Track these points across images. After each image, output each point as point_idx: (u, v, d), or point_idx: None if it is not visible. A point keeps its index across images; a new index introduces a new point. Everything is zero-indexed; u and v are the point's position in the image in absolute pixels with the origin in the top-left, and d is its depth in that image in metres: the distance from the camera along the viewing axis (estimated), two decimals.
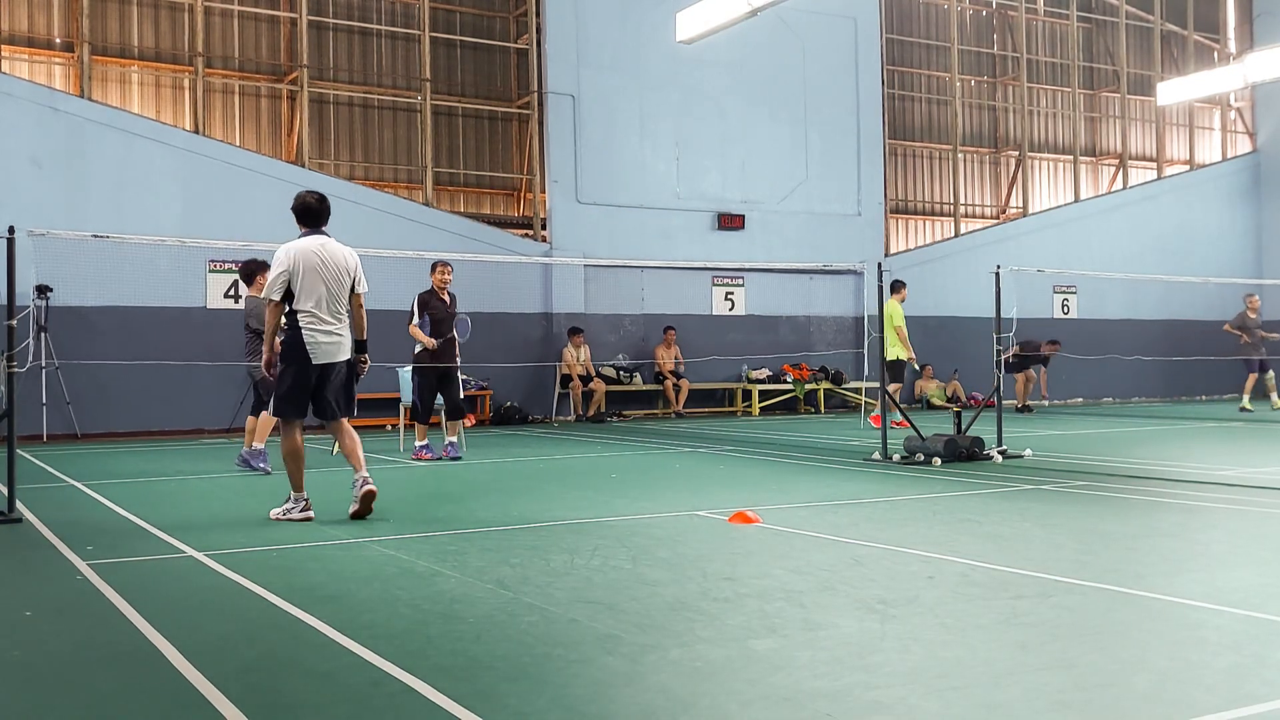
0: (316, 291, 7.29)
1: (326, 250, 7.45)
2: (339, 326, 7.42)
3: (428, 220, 17.70)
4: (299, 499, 7.29)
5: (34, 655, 4.09)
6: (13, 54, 16.19)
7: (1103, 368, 22.49)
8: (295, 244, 7.44)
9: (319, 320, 7.30)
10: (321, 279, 7.33)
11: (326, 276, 7.35)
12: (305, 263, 7.33)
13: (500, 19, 19.64)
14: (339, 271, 7.44)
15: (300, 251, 7.37)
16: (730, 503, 7.70)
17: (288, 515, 7.26)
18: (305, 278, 7.29)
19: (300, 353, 7.28)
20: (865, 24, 21.67)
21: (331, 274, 7.38)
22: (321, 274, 7.33)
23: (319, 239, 7.50)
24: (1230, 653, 3.86)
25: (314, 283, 7.30)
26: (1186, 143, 26.18)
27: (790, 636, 4.17)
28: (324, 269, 7.36)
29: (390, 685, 3.62)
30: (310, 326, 7.27)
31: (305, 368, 7.28)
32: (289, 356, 7.33)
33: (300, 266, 7.31)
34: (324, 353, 7.32)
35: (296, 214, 7.62)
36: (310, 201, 7.63)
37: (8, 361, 7.79)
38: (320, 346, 7.30)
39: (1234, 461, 10.49)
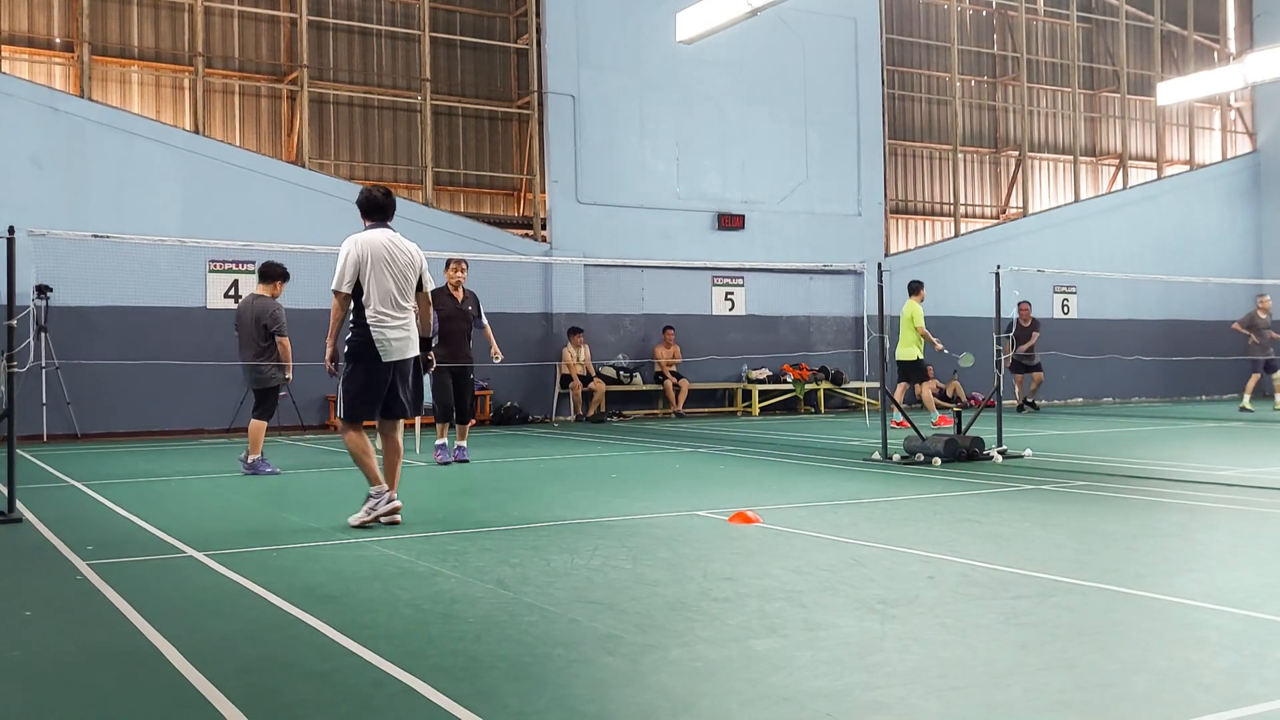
0: (385, 286, 7.03)
1: (395, 244, 7.20)
2: (407, 323, 7.15)
3: (428, 220, 17.68)
4: (379, 491, 6.94)
5: (34, 655, 4.09)
6: (13, 54, 16.20)
7: (1103, 368, 22.50)
8: (363, 235, 7.18)
9: (388, 317, 7.03)
10: (390, 274, 7.07)
11: (395, 271, 7.09)
12: (374, 255, 7.06)
13: (500, 19, 19.64)
14: (406, 266, 7.18)
15: (369, 243, 7.11)
16: (730, 503, 7.70)
17: (373, 514, 6.88)
18: (374, 271, 7.02)
19: (370, 351, 7.00)
20: (865, 24, 21.68)
21: (400, 269, 7.13)
22: (390, 269, 7.07)
23: (386, 232, 7.24)
24: (1230, 652, 3.86)
25: (382, 277, 7.04)
26: (1186, 143, 26.18)
27: (790, 636, 4.17)
28: (393, 264, 7.10)
29: (390, 685, 3.62)
30: (380, 324, 6.99)
31: (376, 366, 7.01)
32: (358, 356, 7.03)
33: (369, 259, 7.04)
34: (395, 350, 7.05)
35: (362, 208, 7.38)
36: (377, 196, 7.39)
37: (8, 361, 7.79)
38: (391, 344, 7.03)
39: (1234, 461, 10.48)
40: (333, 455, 12.30)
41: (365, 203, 7.39)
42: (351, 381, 7.08)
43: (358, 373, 7.04)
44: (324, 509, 7.90)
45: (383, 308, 7.01)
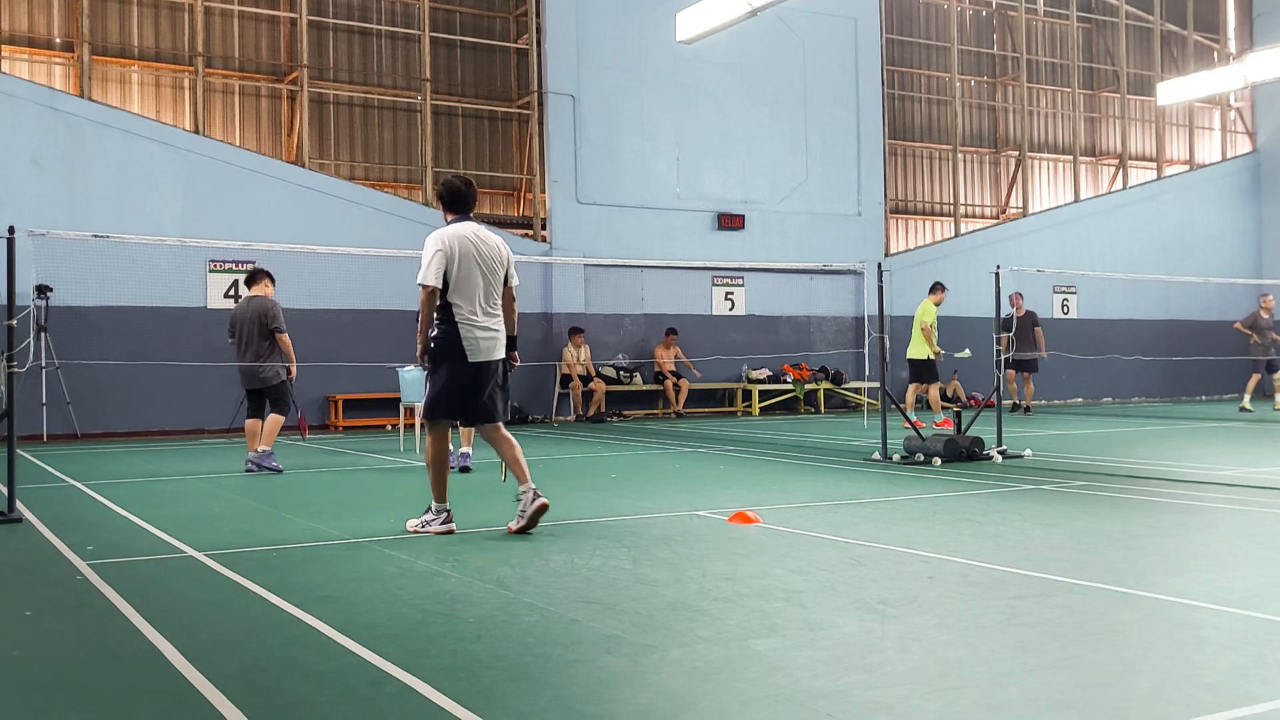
0: (472, 282, 6.68)
1: (481, 238, 6.84)
2: (495, 321, 6.83)
3: (428, 220, 17.64)
4: (441, 510, 6.70)
5: (34, 655, 4.09)
6: (13, 54, 16.20)
7: (1103, 368, 22.50)
8: (449, 229, 6.79)
9: (475, 314, 6.70)
10: (478, 269, 6.72)
11: (483, 267, 6.74)
12: (462, 250, 6.69)
13: (500, 19, 19.64)
14: (494, 261, 6.83)
15: (456, 237, 6.73)
16: (730, 503, 7.70)
17: (427, 528, 6.67)
18: (461, 266, 6.66)
19: (456, 350, 6.68)
20: (865, 24, 21.68)
21: (488, 264, 6.78)
22: (478, 264, 6.72)
23: (472, 225, 6.87)
24: (1230, 652, 3.86)
25: (470, 272, 6.68)
26: (1186, 143, 26.18)
27: (790, 636, 4.17)
28: (480, 259, 6.74)
29: (390, 685, 3.62)
30: (467, 321, 6.67)
31: (461, 366, 6.69)
32: (442, 354, 6.71)
33: (457, 253, 6.67)
34: (482, 350, 6.72)
35: (445, 201, 6.98)
36: (459, 186, 6.98)
37: (8, 361, 7.79)
38: (478, 343, 6.71)
39: (1234, 461, 10.48)
40: (333, 455, 12.30)
41: (447, 194, 6.98)
42: (434, 380, 6.78)
43: (440, 372, 6.74)
44: (324, 509, 7.90)
45: (470, 306, 6.68)
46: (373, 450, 12.89)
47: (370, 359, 16.01)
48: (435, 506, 6.72)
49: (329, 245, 15.00)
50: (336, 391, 16.57)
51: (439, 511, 6.71)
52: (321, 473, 10.56)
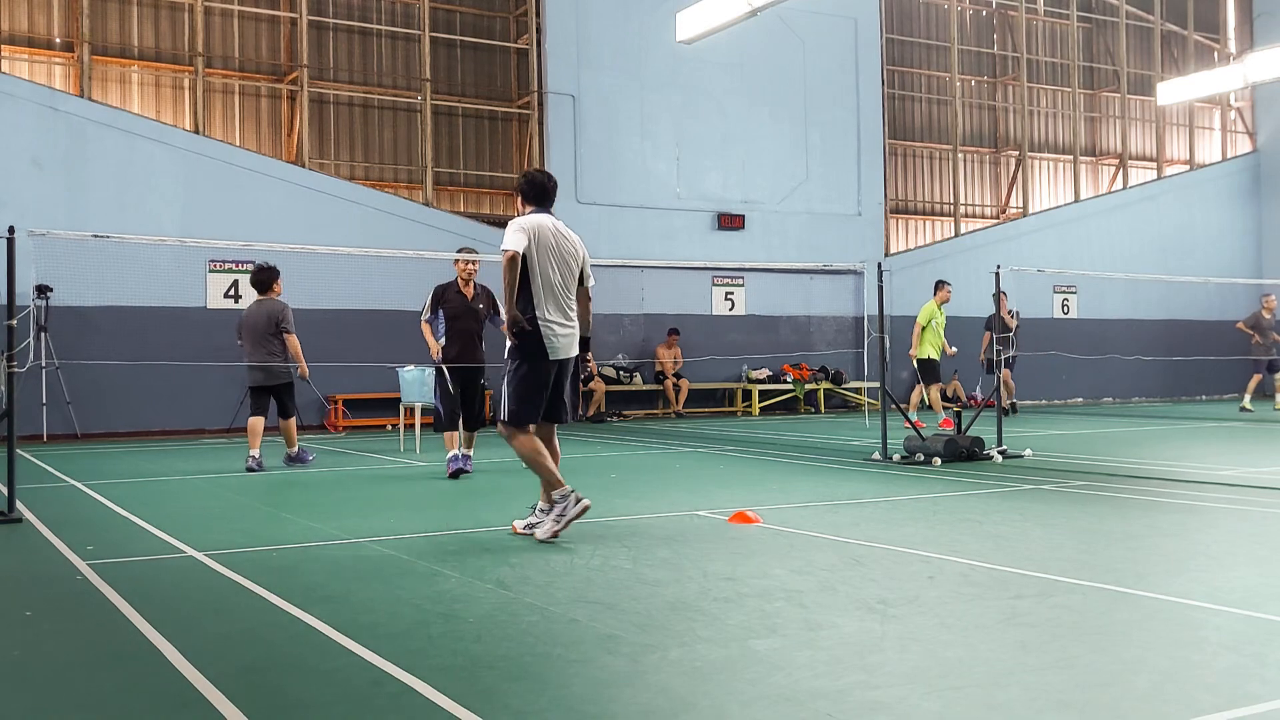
0: (550, 277, 6.52)
1: (561, 232, 6.68)
2: (571, 318, 6.64)
3: (428, 220, 17.71)
4: (564, 494, 6.41)
5: (34, 655, 4.09)
6: (13, 54, 16.20)
7: (1103, 368, 22.50)
8: (530, 217, 6.63)
9: (554, 310, 6.52)
10: (555, 263, 6.55)
11: (560, 262, 6.59)
12: (542, 242, 6.52)
13: (500, 19, 19.64)
14: (570, 257, 6.66)
15: (537, 225, 6.56)
16: (730, 503, 7.70)
17: (564, 518, 6.35)
18: (540, 259, 6.49)
19: (537, 348, 6.48)
20: (865, 24, 21.68)
21: (565, 259, 6.62)
22: (556, 257, 6.56)
23: (551, 218, 6.70)
24: (1230, 652, 3.86)
25: (548, 266, 6.52)
26: (1186, 143, 26.18)
27: (790, 636, 4.17)
28: (558, 253, 6.59)
29: (391, 685, 3.62)
30: (546, 319, 6.49)
31: (542, 365, 6.51)
32: (523, 353, 6.50)
33: (536, 244, 6.49)
34: (561, 348, 6.55)
35: (525, 193, 6.83)
36: (540, 179, 6.84)
37: (8, 361, 7.79)
38: (557, 339, 6.52)
39: (1234, 461, 10.48)
40: (333, 455, 12.30)
41: (528, 186, 6.84)
42: (516, 381, 6.52)
43: (523, 371, 6.51)
44: (324, 509, 7.90)
45: (548, 301, 6.51)
46: (373, 450, 12.89)
47: (370, 359, 16.01)
48: (559, 493, 6.43)
49: (329, 245, 14.99)
50: (337, 391, 16.57)
51: (563, 496, 6.41)
52: (321, 473, 10.56)
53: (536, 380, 6.52)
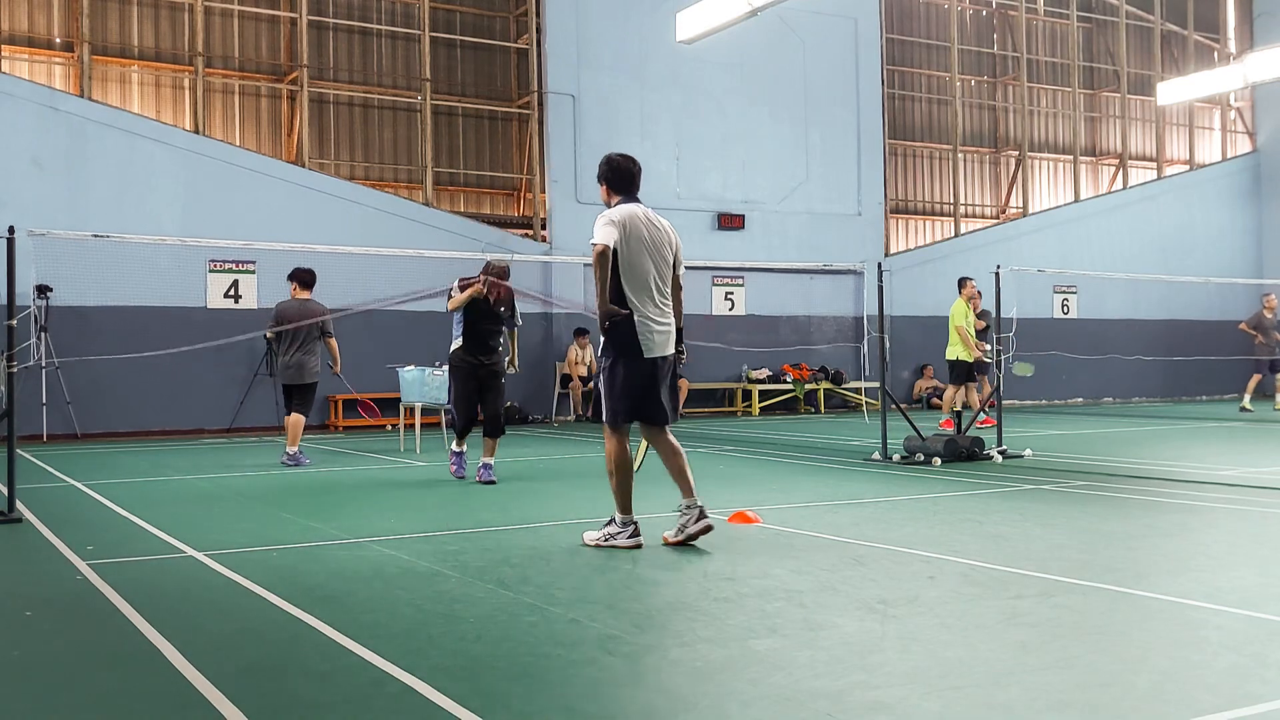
0: (643, 269, 6.13)
1: (652, 222, 6.28)
2: (667, 312, 6.26)
3: (428, 220, 17.70)
4: (627, 523, 6.14)
5: (34, 655, 4.08)
6: (13, 54, 16.20)
7: (1103, 368, 22.49)
8: (619, 208, 6.22)
9: (649, 305, 6.14)
10: (648, 254, 6.16)
11: (654, 253, 6.20)
12: (633, 233, 6.13)
13: (500, 19, 19.64)
14: (664, 247, 6.27)
15: (627, 215, 6.15)
16: (730, 503, 7.69)
17: (610, 541, 6.11)
18: (631, 247, 6.11)
19: (631, 345, 6.11)
20: (865, 24, 21.68)
21: (658, 249, 6.23)
22: (649, 249, 6.17)
23: (641, 207, 6.30)
24: (1231, 652, 3.86)
25: (641, 257, 6.12)
26: (1186, 143, 26.18)
27: (790, 636, 4.17)
28: (651, 244, 6.19)
29: (391, 685, 3.62)
30: (641, 314, 6.11)
31: (638, 363, 6.15)
32: (618, 350, 6.14)
33: (627, 232, 6.11)
34: (657, 344, 6.17)
35: (609, 181, 6.38)
36: (626, 165, 6.39)
37: (8, 361, 7.79)
38: (653, 336, 6.15)
39: (1234, 461, 10.48)
40: (333, 455, 12.30)
41: (613, 174, 6.37)
42: (611, 380, 6.20)
43: (618, 370, 6.17)
44: (324, 509, 7.90)
45: (642, 296, 6.12)
46: (373, 450, 12.89)
47: (370, 359, 16.01)
48: (620, 518, 6.15)
49: (329, 245, 14.98)
50: (336, 391, 16.56)
51: (625, 524, 6.13)
52: (321, 473, 10.56)
53: (631, 379, 6.16)
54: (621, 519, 6.15)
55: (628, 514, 6.15)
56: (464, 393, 9.50)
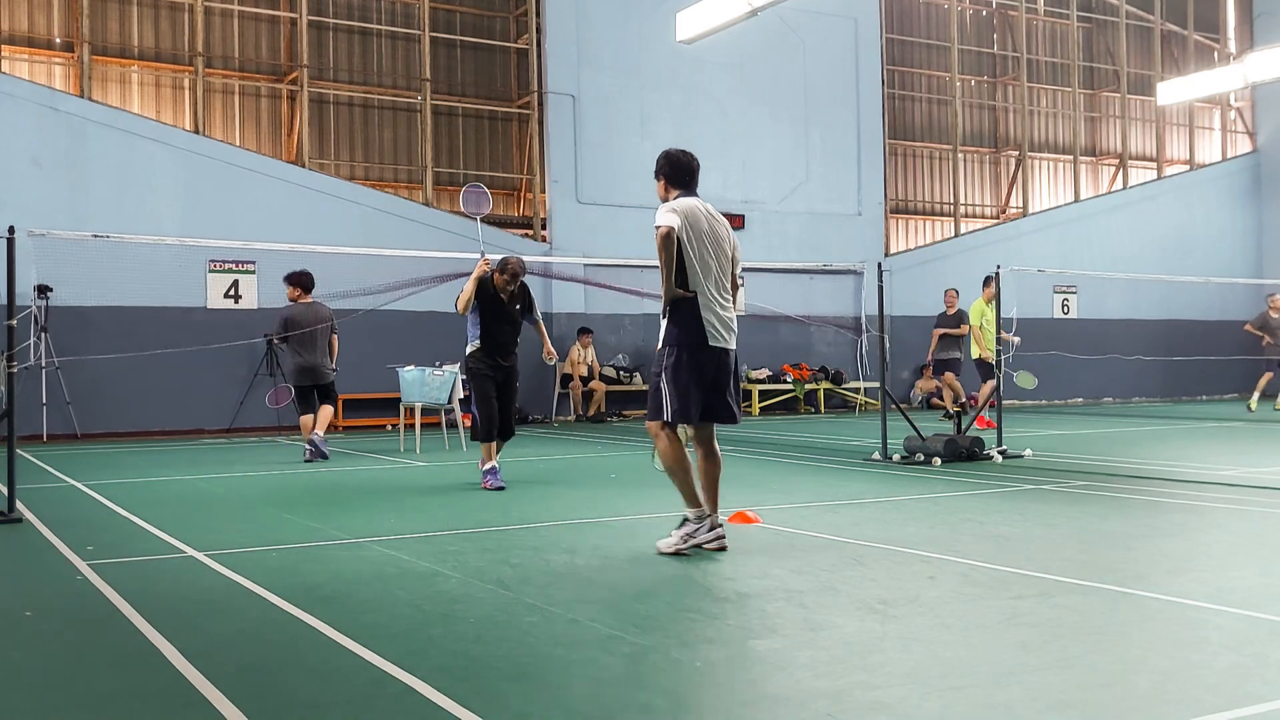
0: (705, 262, 5.90)
1: (713, 217, 6.07)
2: (730, 305, 6.02)
3: (428, 220, 17.70)
4: (701, 516, 5.87)
5: (34, 655, 4.08)
6: (13, 54, 16.19)
7: (1103, 368, 22.48)
8: (681, 201, 6.01)
9: (712, 299, 5.91)
10: (710, 248, 5.94)
11: (715, 247, 5.98)
12: (695, 228, 5.91)
13: (500, 19, 19.63)
14: (725, 243, 6.06)
15: (689, 209, 5.95)
16: (730, 503, 7.68)
17: (692, 540, 5.82)
18: (694, 240, 5.89)
19: (696, 334, 5.84)
20: (865, 24, 21.67)
21: (720, 245, 6.01)
22: (710, 242, 5.96)
23: (701, 201, 6.10)
24: (1231, 653, 3.86)
25: (703, 250, 5.91)
26: (1186, 143, 26.18)
27: (790, 636, 4.16)
28: (713, 237, 5.98)
29: (391, 685, 3.61)
30: (705, 303, 5.87)
31: (705, 354, 5.87)
32: (680, 340, 5.87)
33: (690, 225, 5.89)
34: (721, 334, 5.90)
35: (667, 175, 6.16)
36: (685, 159, 6.20)
37: (8, 361, 7.79)
38: (718, 324, 5.89)
39: (1234, 461, 10.48)
40: (333, 455, 12.29)
41: (672, 169, 6.16)
42: (675, 372, 5.85)
43: (681, 361, 5.85)
44: (324, 509, 7.90)
45: (705, 283, 5.90)
46: (373, 450, 12.89)
47: (370, 359, 16.01)
48: (692, 513, 5.88)
49: (329, 245, 14.99)
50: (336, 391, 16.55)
51: (700, 519, 5.86)
52: (322, 473, 10.56)
53: (694, 372, 5.85)
54: (695, 514, 5.86)
55: (699, 508, 5.87)
56: (485, 395, 9.09)
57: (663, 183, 6.19)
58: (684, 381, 5.85)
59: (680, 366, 5.85)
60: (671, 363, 5.88)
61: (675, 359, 5.87)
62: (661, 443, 5.95)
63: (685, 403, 5.86)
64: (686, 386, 5.85)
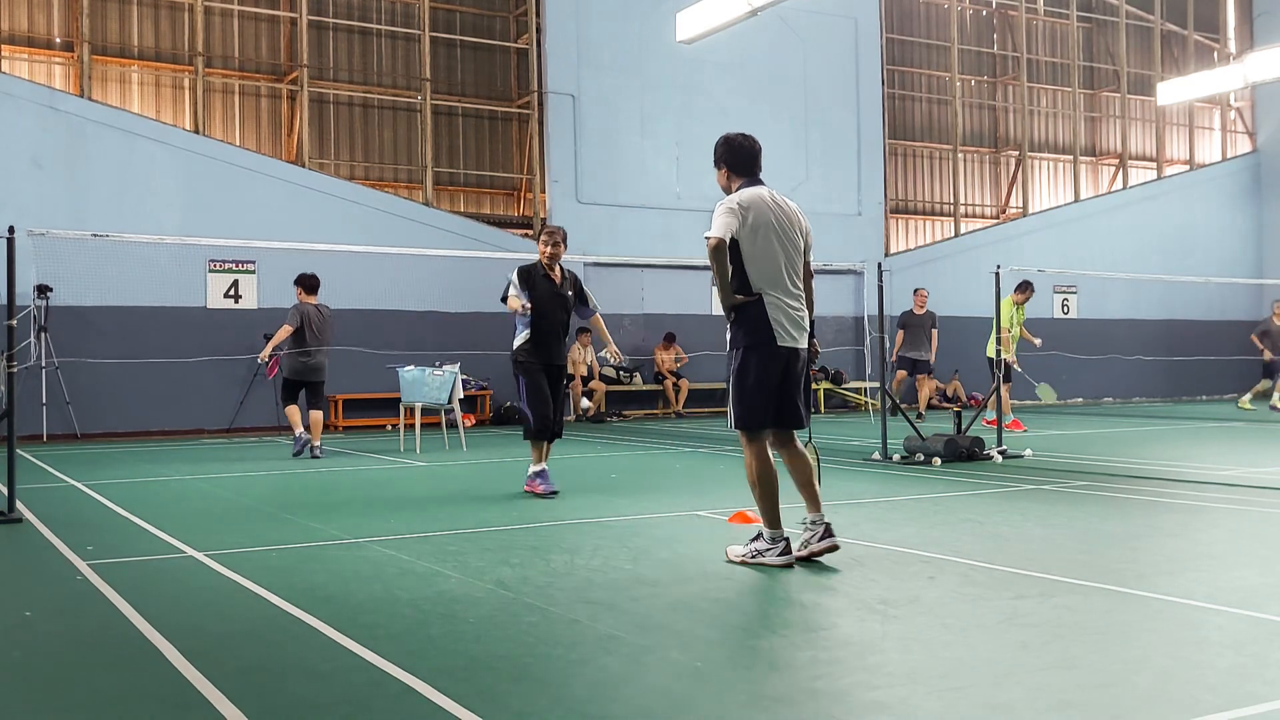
0: (773, 259, 5.54)
1: (781, 205, 5.69)
2: (800, 301, 5.67)
3: (428, 220, 17.70)
4: (777, 539, 5.50)
5: (34, 655, 4.08)
6: (13, 54, 16.19)
7: (1103, 368, 22.50)
8: (741, 194, 5.66)
9: (781, 295, 5.57)
10: (777, 239, 5.57)
11: (785, 239, 5.61)
12: (757, 216, 5.54)
13: (500, 19, 19.63)
14: (794, 232, 5.68)
15: (752, 200, 5.59)
16: (730, 503, 7.69)
17: (759, 559, 5.48)
18: (759, 235, 5.53)
19: (763, 331, 5.52)
20: (865, 24, 21.68)
21: (787, 235, 5.63)
22: (778, 235, 5.59)
23: (767, 189, 5.73)
24: (1232, 653, 3.86)
25: (769, 245, 5.54)
26: (1186, 143, 26.18)
27: (790, 636, 4.16)
28: (780, 229, 5.60)
29: (391, 685, 3.61)
30: (771, 297, 5.54)
31: (773, 355, 5.53)
32: (747, 341, 5.56)
33: (751, 219, 5.53)
34: (791, 331, 5.58)
35: (730, 163, 5.83)
36: (747, 144, 5.85)
37: (8, 361, 7.79)
38: (787, 321, 5.56)
39: (1234, 461, 10.48)
40: (333, 455, 12.29)
41: (732, 155, 5.84)
42: (743, 376, 5.55)
43: (750, 362, 5.54)
44: (324, 509, 7.90)
45: (772, 281, 5.55)
46: (373, 450, 12.88)
47: (370, 359, 16.02)
48: (769, 534, 5.52)
49: (329, 245, 15.00)
50: (336, 391, 16.55)
51: (774, 540, 5.50)
52: (321, 473, 10.56)
53: (764, 374, 5.52)
54: (770, 534, 5.50)
55: (777, 529, 5.50)
56: (537, 388, 8.46)
57: (724, 171, 5.84)
58: (751, 385, 5.54)
59: (747, 370, 5.55)
60: (738, 366, 5.59)
61: (742, 362, 5.57)
62: (747, 453, 5.60)
63: (754, 408, 5.55)
64: (754, 391, 5.54)
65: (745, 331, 5.56)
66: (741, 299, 5.53)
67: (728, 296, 5.53)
